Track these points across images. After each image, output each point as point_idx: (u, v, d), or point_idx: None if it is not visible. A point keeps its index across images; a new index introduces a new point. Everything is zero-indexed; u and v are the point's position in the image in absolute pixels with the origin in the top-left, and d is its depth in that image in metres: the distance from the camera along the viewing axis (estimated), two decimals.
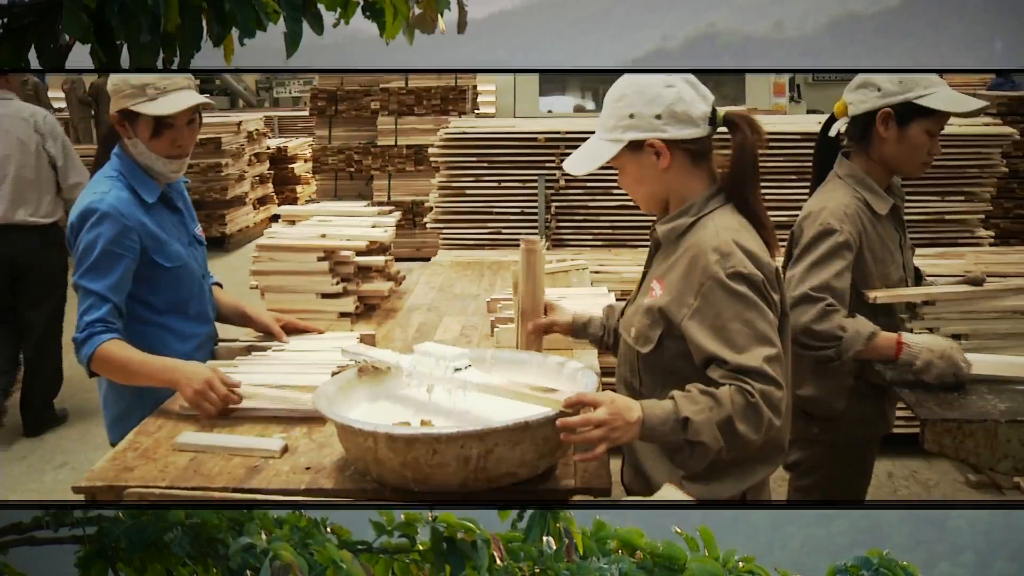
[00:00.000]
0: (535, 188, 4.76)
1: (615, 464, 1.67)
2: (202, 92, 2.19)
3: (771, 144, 4.42)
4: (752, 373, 1.52)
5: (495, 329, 2.42)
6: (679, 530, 1.50)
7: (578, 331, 2.02)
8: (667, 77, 1.66)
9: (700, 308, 1.58)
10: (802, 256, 2.08)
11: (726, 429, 1.49)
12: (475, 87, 8.10)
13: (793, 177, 4.54)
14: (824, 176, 2.25)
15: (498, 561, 1.33)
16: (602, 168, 1.72)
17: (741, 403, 1.50)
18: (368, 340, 2.22)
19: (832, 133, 2.26)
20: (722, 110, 1.69)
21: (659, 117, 1.64)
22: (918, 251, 4.15)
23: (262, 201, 9.73)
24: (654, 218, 1.78)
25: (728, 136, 1.71)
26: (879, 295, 2.16)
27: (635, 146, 1.66)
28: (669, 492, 1.42)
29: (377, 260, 2.86)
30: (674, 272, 1.66)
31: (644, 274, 1.81)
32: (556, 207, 4.78)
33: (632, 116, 1.65)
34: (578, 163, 1.75)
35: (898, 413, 2.39)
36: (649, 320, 1.67)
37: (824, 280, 2.03)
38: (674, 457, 1.62)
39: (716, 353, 1.54)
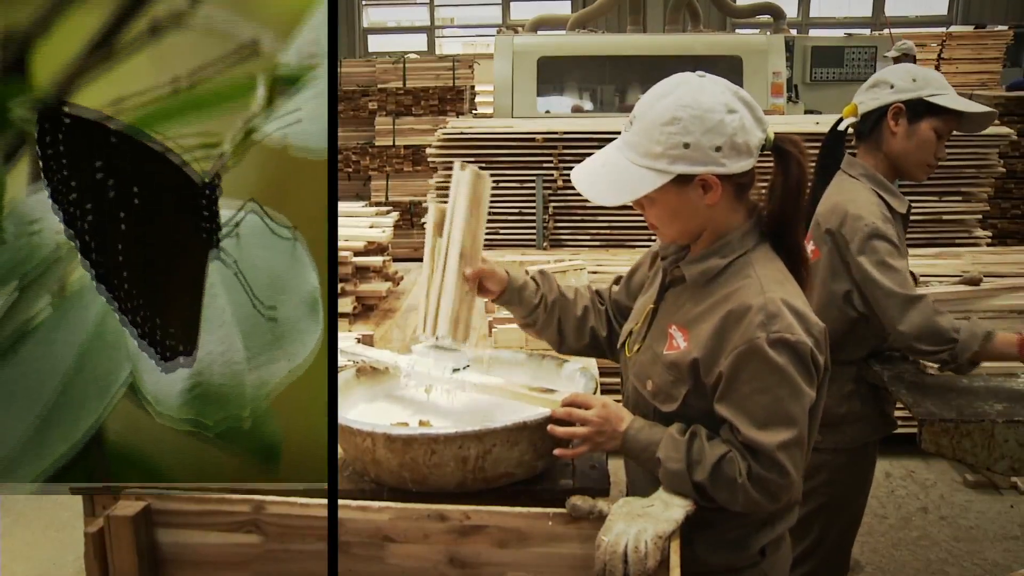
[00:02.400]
0: (533, 188, 4.77)
1: (613, 464, 1.67)
2: None
3: None
4: (759, 455, 1.35)
5: (493, 329, 2.42)
6: None
7: (512, 294, 1.69)
8: (727, 99, 1.41)
9: (728, 370, 1.38)
10: (863, 260, 2.03)
11: (700, 491, 1.38)
12: (473, 87, 8.10)
13: None
14: (827, 176, 2.24)
15: None
16: None
17: (725, 478, 1.36)
18: (366, 340, 2.22)
19: (842, 128, 2.26)
20: (770, 132, 1.46)
21: (718, 149, 1.39)
22: (916, 251, 4.18)
23: None
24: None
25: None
26: None
27: (683, 179, 1.41)
28: (665, 494, 1.41)
29: (375, 260, 2.86)
30: (704, 324, 1.43)
31: (653, 310, 1.56)
32: (554, 207, 4.78)
33: (687, 146, 1.38)
34: (607, 192, 1.46)
35: (896, 413, 2.39)
36: (672, 377, 1.46)
37: (905, 277, 2.02)
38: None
39: (731, 420, 1.38)
